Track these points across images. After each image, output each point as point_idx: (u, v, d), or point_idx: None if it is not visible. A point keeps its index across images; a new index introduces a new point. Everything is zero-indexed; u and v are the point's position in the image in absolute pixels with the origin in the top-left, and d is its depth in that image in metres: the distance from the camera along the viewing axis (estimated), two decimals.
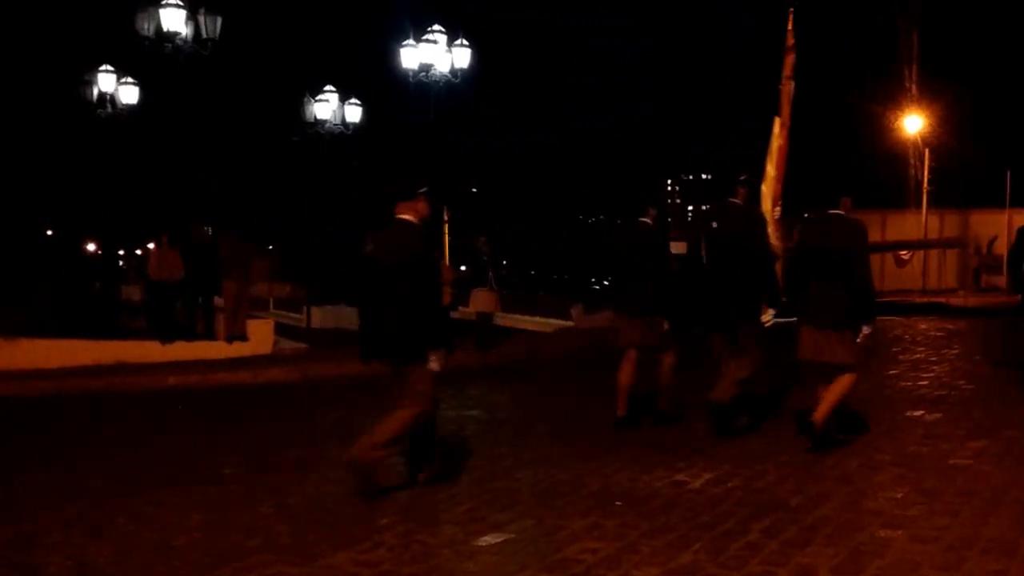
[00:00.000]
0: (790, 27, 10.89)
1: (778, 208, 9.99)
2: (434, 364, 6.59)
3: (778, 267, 8.61)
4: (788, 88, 10.70)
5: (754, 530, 5.38)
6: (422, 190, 6.93)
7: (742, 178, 8.42)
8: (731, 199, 8.36)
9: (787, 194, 9.94)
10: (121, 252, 48.23)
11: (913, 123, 41.43)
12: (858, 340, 7.34)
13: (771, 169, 10.47)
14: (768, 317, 8.24)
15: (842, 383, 7.38)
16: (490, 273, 16.96)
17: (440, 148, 25.41)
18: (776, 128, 10.56)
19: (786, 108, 10.68)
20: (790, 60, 10.70)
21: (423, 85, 21.18)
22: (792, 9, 10.87)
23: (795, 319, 7.60)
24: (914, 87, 42.17)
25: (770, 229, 9.18)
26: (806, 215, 8.17)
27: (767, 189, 10.22)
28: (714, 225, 8.39)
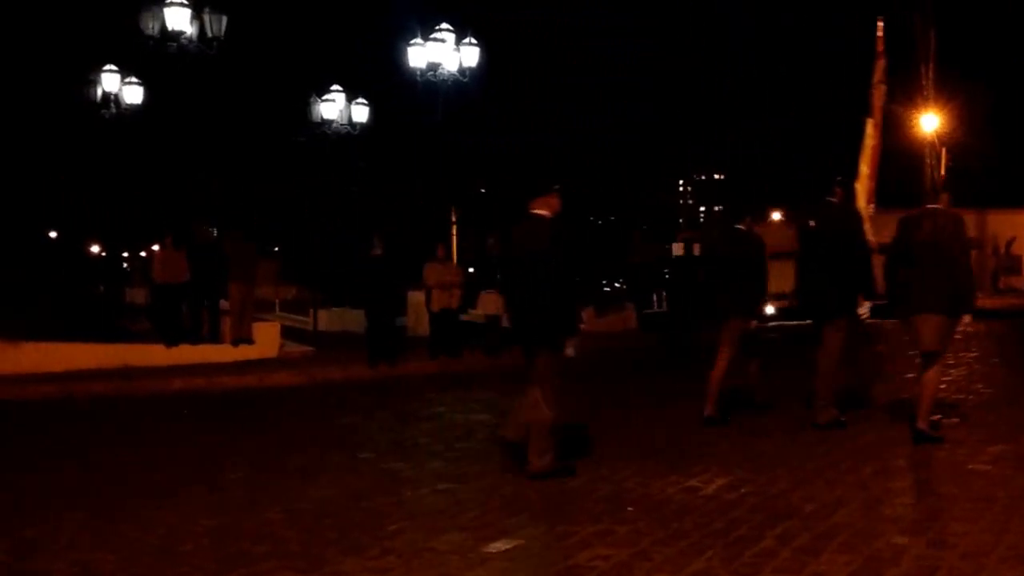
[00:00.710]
0: (880, 34, 11.61)
1: (872, 205, 10.59)
2: (569, 351, 7.10)
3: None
4: (879, 92, 11.51)
5: (768, 537, 5.39)
6: (555, 187, 7.41)
7: (838, 178, 8.94)
8: (829, 198, 8.85)
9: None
10: (125, 254, 48.38)
11: (929, 121, 41.32)
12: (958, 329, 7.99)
13: (865, 168, 11.20)
14: (865, 310, 8.76)
15: (935, 376, 7.97)
16: (499, 275, 16.98)
17: (447, 147, 25.42)
18: (869, 129, 11.27)
19: (878, 111, 11.45)
20: (880, 65, 11.45)
21: (431, 84, 21.21)
22: (881, 18, 11.66)
23: (900, 312, 8.12)
24: (930, 85, 42.10)
25: (865, 225, 9.73)
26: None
27: (861, 187, 10.90)
28: (812, 224, 8.91)
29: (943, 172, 40.61)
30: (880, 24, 12.10)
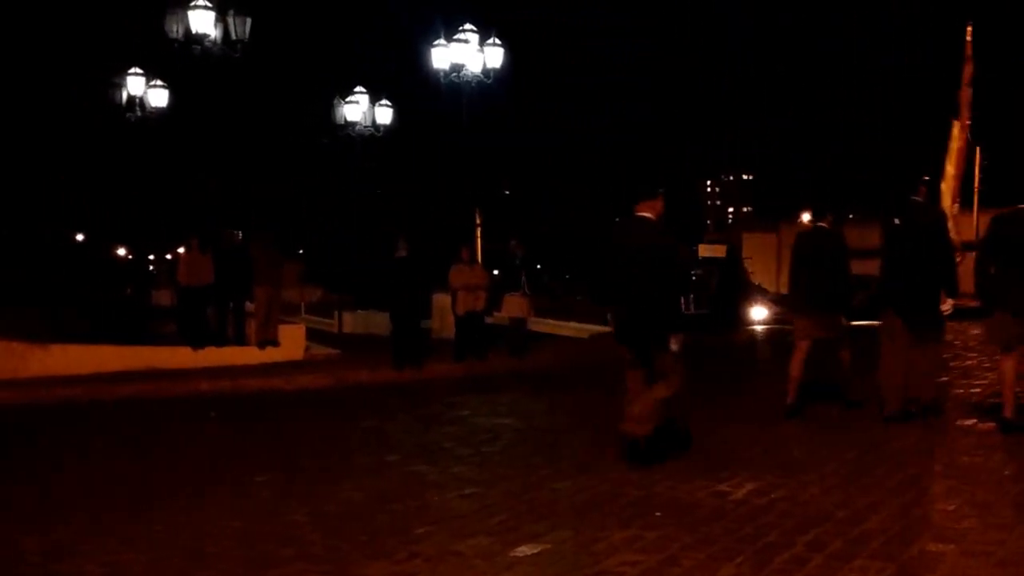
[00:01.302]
0: (968, 39, 12.00)
1: (956, 204, 10.82)
2: (674, 346, 7.51)
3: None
4: (967, 94, 11.84)
5: (799, 543, 5.35)
6: (661, 190, 7.80)
7: (925, 178, 9.15)
8: (914, 197, 8.95)
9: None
10: (151, 257, 48.70)
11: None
12: None
13: (950, 168, 11.39)
14: (948, 307, 8.74)
15: (1013, 367, 8.21)
16: (523, 277, 16.96)
17: (471, 149, 25.43)
18: (955, 131, 11.58)
19: (964, 112, 11.74)
20: (968, 69, 11.77)
21: (454, 85, 21.21)
22: (970, 23, 12.09)
23: (989, 308, 8.46)
24: (968, 84, 41.69)
25: (949, 224, 10.00)
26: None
27: (946, 187, 11.11)
28: (897, 222, 8.97)
29: (978, 171, 40.24)
30: (968, 28, 12.59)
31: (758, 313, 28.37)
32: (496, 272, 18.92)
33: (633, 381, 7.77)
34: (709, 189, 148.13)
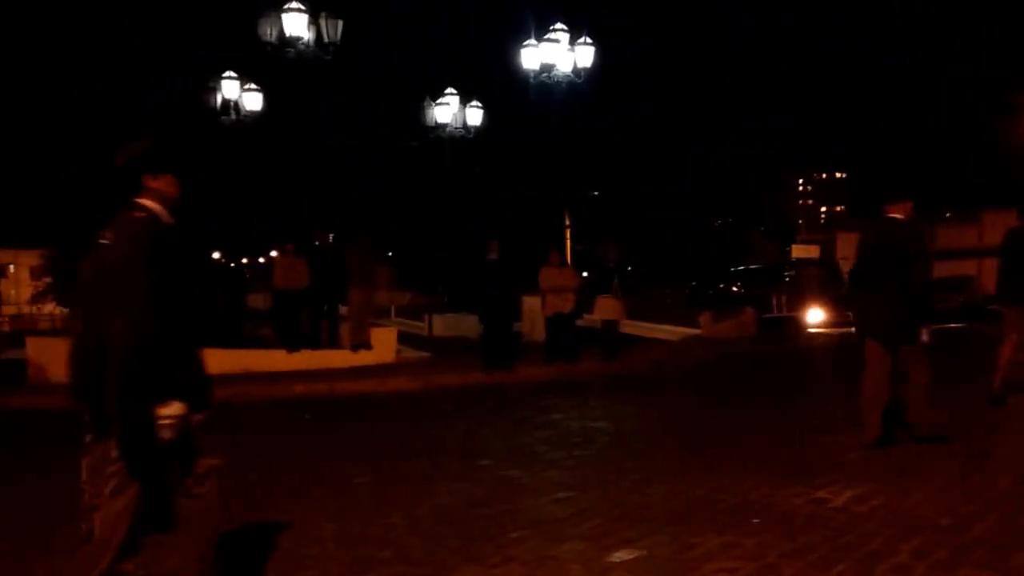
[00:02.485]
0: None
1: None
2: (924, 337, 7.98)
3: None
4: None
5: (902, 551, 5.28)
6: (910, 195, 8.41)
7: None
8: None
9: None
10: (245, 261, 49.59)
11: None
12: None
13: None
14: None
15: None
16: (615, 280, 16.95)
17: (561, 150, 25.44)
18: None
19: None
20: None
21: (545, 86, 21.24)
22: None
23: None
24: None
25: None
26: None
27: None
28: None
29: None
30: None
31: (814, 316, 27.47)
32: (586, 274, 18.93)
33: (874, 380, 8.15)
34: (801, 188, 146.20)
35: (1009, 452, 7.83)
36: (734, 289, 38.49)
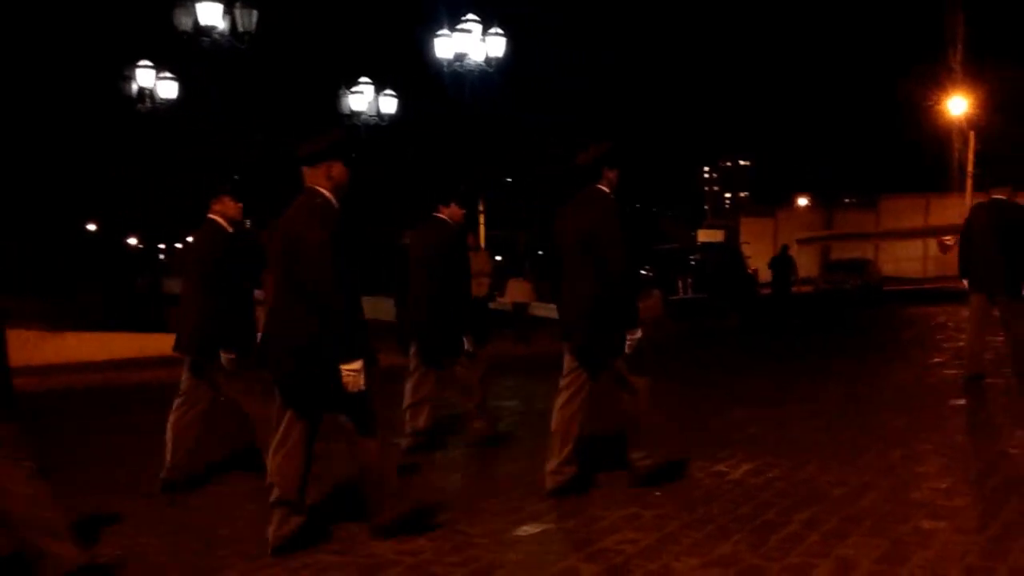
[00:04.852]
0: None
1: None
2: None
3: None
4: None
5: (795, 521, 5.37)
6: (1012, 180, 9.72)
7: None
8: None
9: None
10: (162, 246, 48.72)
11: (957, 105, 40.94)
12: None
13: None
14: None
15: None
16: (527, 264, 17.02)
17: (474, 137, 25.40)
18: None
19: None
20: None
21: (457, 75, 21.21)
22: None
23: None
24: (959, 69, 41.70)
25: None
26: None
27: None
28: None
29: (972, 156, 40.25)
30: None
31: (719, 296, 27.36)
32: (499, 258, 18.96)
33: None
34: (707, 175, 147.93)
35: (900, 425, 8.02)
36: (642, 272, 38.86)
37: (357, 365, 5.08)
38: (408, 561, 5.02)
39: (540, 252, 22.73)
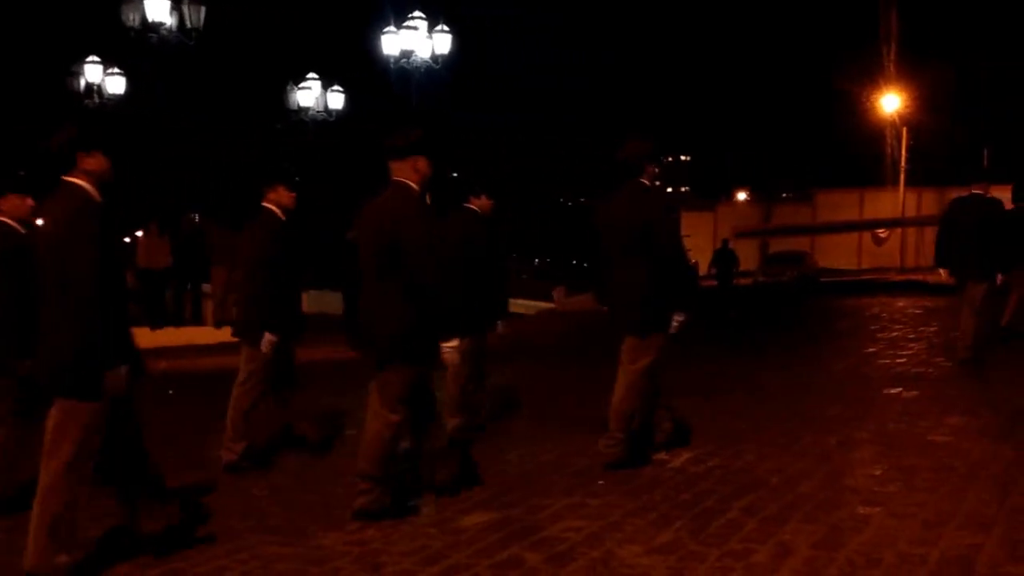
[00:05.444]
0: None
1: None
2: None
3: None
4: None
5: (734, 508, 5.41)
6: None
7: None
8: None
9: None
10: None
11: (891, 102, 41.46)
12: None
13: None
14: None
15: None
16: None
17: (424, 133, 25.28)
18: None
19: None
20: None
21: (404, 71, 21.14)
22: None
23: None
24: (892, 66, 42.20)
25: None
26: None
27: None
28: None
29: (904, 151, 40.80)
30: None
31: None
32: None
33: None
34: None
35: (835, 413, 8.11)
36: (586, 265, 38.99)
37: (455, 343, 5.51)
38: (356, 551, 4.99)
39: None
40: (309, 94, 24.10)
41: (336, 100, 24.43)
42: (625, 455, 6.44)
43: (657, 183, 6.82)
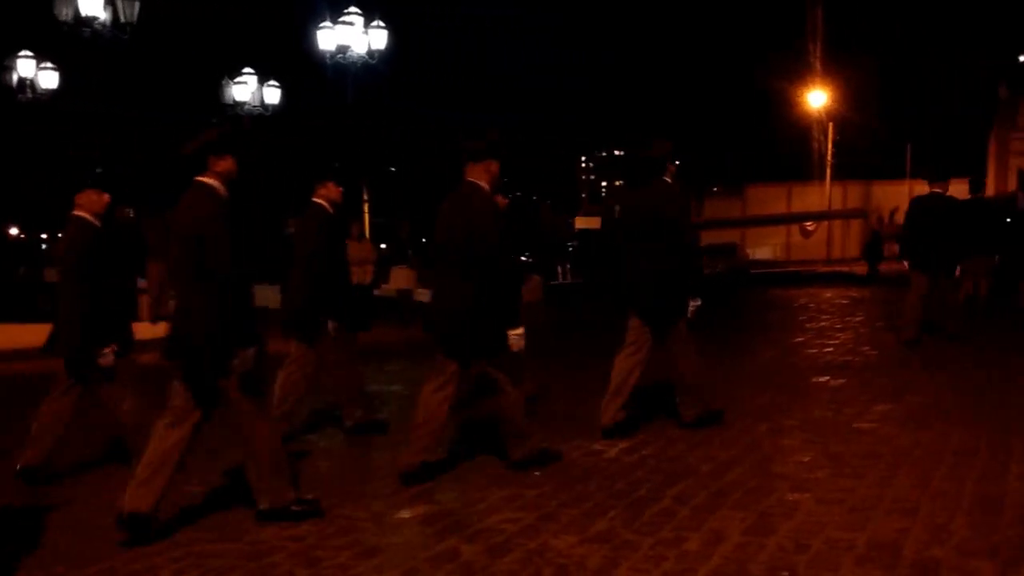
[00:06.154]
0: None
1: None
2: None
3: None
4: None
5: (667, 497, 5.43)
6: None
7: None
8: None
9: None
10: (44, 236, 47.07)
11: (817, 98, 42.02)
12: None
13: None
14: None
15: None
16: (409, 251, 16.93)
17: (358, 128, 25.09)
18: None
19: None
20: None
21: (340, 66, 20.95)
22: None
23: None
24: (818, 63, 42.77)
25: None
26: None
27: None
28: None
29: (831, 146, 41.40)
30: None
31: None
32: (384, 246, 18.81)
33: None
34: (584, 165, 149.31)
35: (764, 401, 8.17)
36: (523, 258, 38.98)
37: (521, 330, 5.94)
38: (292, 547, 4.92)
39: (424, 240, 22.67)
40: (245, 89, 23.76)
41: (272, 95, 24.12)
42: (704, 413, 7.19)
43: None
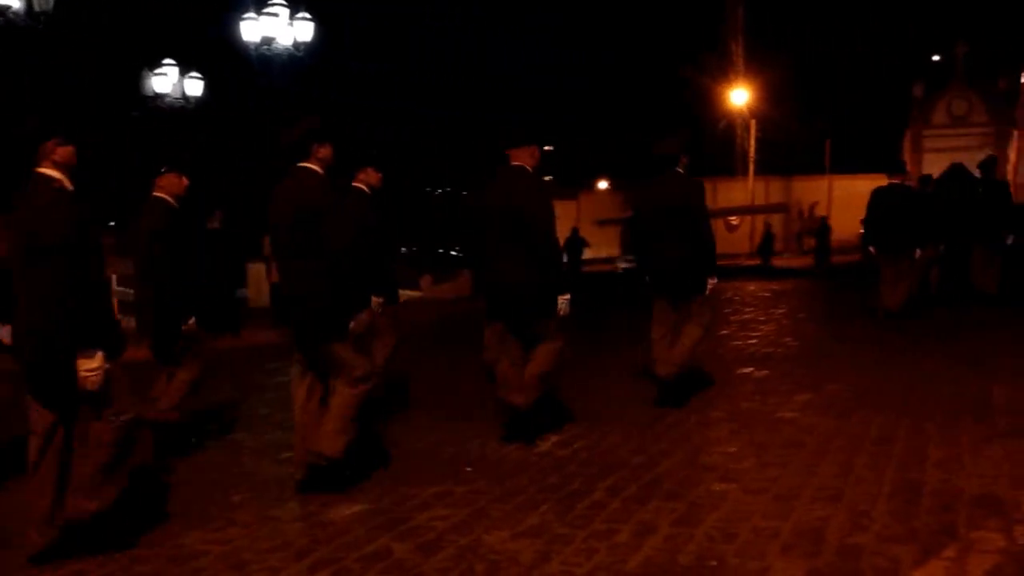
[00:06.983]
0: None
1: None
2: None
3: None
4: None
5: (599, 489, 5.47)
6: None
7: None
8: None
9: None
10: None
11: (740, 95, 42.57)
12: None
13: None
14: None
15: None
16: None
17: (282, 121, 24.80)
18: None
19: None
20: None
21: (265, 58, 20.67)
22: None
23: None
24: (740, 61, 43.35)
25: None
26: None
27: None
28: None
29: (753, 143, 41.98)
30: None
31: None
32: None
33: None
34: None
35: (692, 393, 8.26)
36: (452, 253, 38.94)
37: (568, 296, 6.51)
38: (217, 550, 4.86)
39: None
40: (165, 80, 23.32)
41: (194, 87, 23.70)
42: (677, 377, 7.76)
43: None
